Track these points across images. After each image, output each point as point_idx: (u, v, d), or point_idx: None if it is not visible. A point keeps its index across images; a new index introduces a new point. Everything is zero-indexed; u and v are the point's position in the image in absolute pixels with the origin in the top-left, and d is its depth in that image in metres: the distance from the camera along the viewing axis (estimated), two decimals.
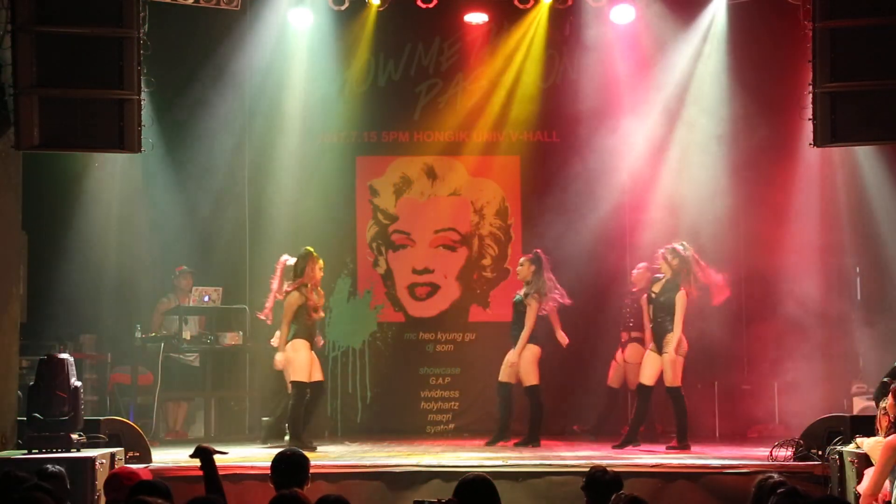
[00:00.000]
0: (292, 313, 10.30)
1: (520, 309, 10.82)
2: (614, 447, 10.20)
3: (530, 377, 10.70)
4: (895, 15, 8.40)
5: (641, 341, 11.10)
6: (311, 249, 10.54)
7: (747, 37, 12.13)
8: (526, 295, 10.78)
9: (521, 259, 11.05)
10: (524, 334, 10.69)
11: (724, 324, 11.72)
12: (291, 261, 10.60)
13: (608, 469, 5.79)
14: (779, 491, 5.06)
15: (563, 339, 10.96)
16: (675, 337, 10.20)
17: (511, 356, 10.80)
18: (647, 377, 10.36)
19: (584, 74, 12.63)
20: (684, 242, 10.49)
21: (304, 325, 10.32)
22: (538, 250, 10.97)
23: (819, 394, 11.22)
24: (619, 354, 11.40)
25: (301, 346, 10.31)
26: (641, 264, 11.29)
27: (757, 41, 12.09)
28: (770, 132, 11.98)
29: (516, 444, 10.60)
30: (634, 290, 11.27)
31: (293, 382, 10.30)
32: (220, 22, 11.90)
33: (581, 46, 12.59)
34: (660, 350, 10.29)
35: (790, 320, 11.66)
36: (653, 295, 10.47)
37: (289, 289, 10.37)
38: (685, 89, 12.34)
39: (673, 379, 10.22)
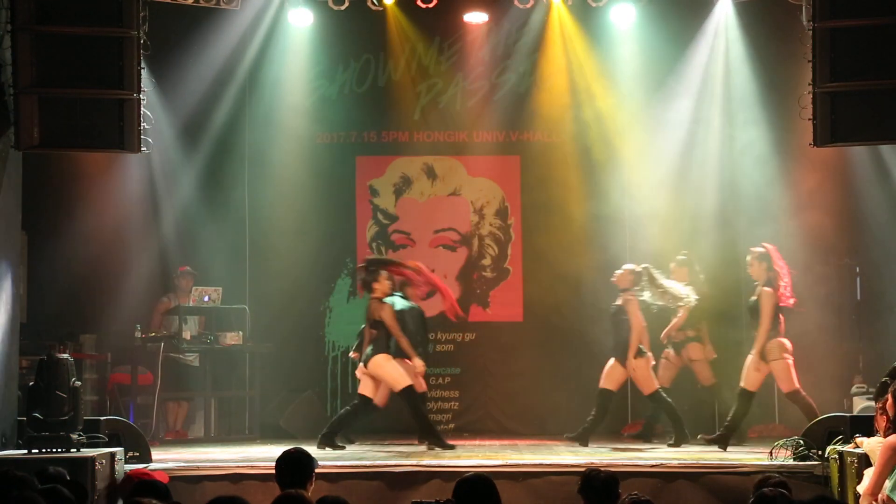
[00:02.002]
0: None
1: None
2: (706, 439, 10.08)
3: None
4: (895, 15, 8.40)
5: (699, 339, 11.10)
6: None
7: (749, 36, 12.14)
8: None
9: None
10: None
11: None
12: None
13: (602, 469, 5.77)
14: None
15: None
16: (760, 340, 9.89)
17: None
18: (750, 382, 10.03)
19: (584, 74, 12.63)
20: (764, 244, 10.16)
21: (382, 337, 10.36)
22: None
23: (819, 394, 11.21)
24: (670, 353, 11.30)
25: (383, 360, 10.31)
26: (681, 255, 11.25)
27: (758, 40, 12.09)
28: (771, 131, 11.99)
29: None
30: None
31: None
32: (220, 22, 11.90)
33: (581, 46, 12.60)
34: (759, 355, 9.93)
35: (790, 320, 11.64)
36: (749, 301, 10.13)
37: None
38: (686, 88, 12.33)
39: (789, 384, 9.89)
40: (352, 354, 10.94)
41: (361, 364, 10.41)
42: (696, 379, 11.32)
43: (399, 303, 10.60)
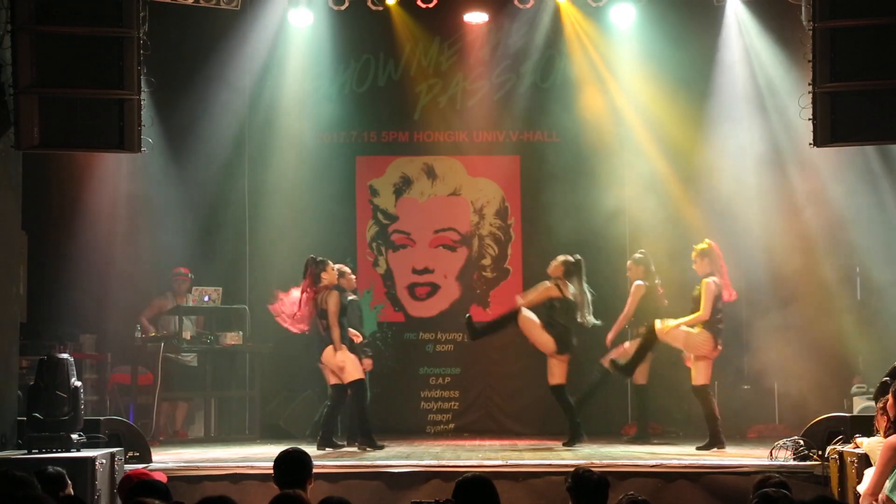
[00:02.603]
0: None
1: None
2: (699, 448, 10.01)
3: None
4: (895, 15, 8.40)
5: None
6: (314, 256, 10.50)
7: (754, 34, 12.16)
8: None
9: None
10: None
11: (724, 323, 11.70)
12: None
13: (594, 470, 5.72)
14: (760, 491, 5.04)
15: None
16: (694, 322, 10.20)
17: None
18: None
19: (584, 74, 12.63)
20: (707, 240, 10.42)
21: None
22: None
23: (819, 394, 11.22)
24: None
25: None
26: (638, 254, 11.26)
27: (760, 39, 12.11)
28: (771, 132, 11.99)
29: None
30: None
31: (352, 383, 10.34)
32: (220, 22, 11.90)
33: (581, 46, 12.60)
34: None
35: (790, 320, 11.65)
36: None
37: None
38: (685, 88, 12.32)
39: (700, 379, 10.17)
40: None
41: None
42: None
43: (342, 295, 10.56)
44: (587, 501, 5.42)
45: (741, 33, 12.16)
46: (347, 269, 10.97)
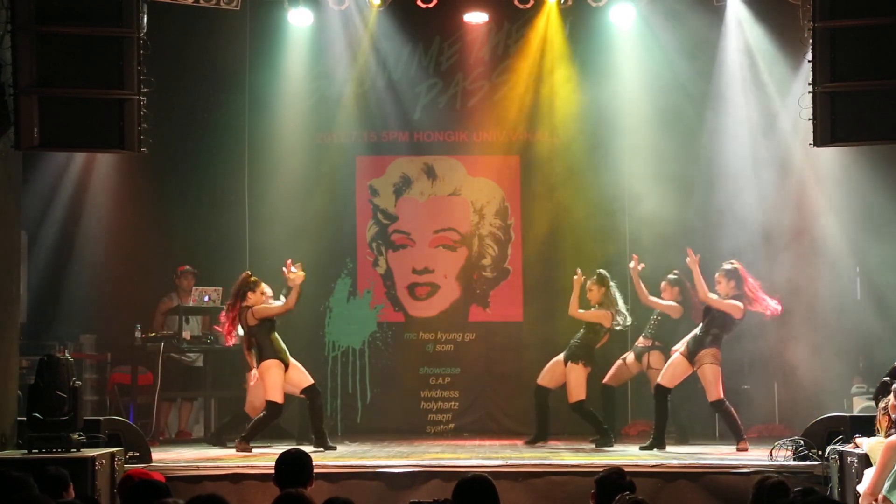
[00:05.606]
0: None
1: None
2: (642, 448, 10.08)
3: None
4: (895, 15, 8.40)
5: (663, 349, 11.10)
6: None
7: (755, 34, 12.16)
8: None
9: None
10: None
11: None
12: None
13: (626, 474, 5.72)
14: (796, 489, 5.04)
15: None
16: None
17: None
18: (669, 380, 10.29)
19: (584, 74, 12.63)
20: (733, 261, 10.39)
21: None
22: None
23: (819, 394, 11.22)
24: (630, 357, 11.33)
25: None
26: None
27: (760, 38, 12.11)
28: (770, 131, 11.99)
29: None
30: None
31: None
32: (220, 22, 11.90)
33: (581, 46, 12.60)
34: (690, 359, 10.20)
35: (790, 320, 11.65)
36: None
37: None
38: (685, 87, 12.32)
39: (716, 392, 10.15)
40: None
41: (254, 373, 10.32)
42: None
43: None
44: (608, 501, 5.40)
45: (742, 32, 12.13)
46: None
